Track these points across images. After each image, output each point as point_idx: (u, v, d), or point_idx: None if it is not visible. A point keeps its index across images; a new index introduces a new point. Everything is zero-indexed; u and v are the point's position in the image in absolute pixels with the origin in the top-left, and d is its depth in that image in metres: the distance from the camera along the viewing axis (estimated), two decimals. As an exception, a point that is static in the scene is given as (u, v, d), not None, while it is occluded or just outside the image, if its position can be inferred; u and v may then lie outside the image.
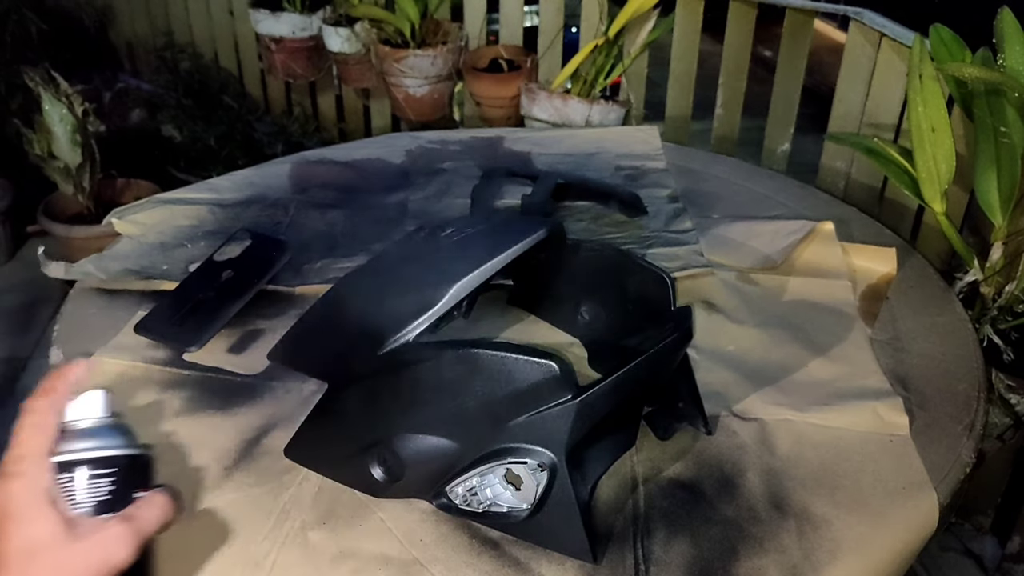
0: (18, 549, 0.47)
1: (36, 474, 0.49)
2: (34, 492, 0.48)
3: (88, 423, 0.53)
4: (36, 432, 0.50)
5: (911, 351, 0.86)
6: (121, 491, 0.51)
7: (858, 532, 0.65)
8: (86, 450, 0.51)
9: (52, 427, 0.51)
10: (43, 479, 0.49)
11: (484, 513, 0.63)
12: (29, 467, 0.49)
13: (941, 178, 0.99)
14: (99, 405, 0.53)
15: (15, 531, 0.47)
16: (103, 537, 0.48)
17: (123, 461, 0.52)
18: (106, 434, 0.52)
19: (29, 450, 0.49)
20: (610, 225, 1.03)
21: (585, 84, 1.59)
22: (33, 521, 0.47)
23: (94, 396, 0.53)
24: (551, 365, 0.58)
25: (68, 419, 0.52)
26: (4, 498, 0.48)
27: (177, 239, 0.98)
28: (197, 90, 2.50)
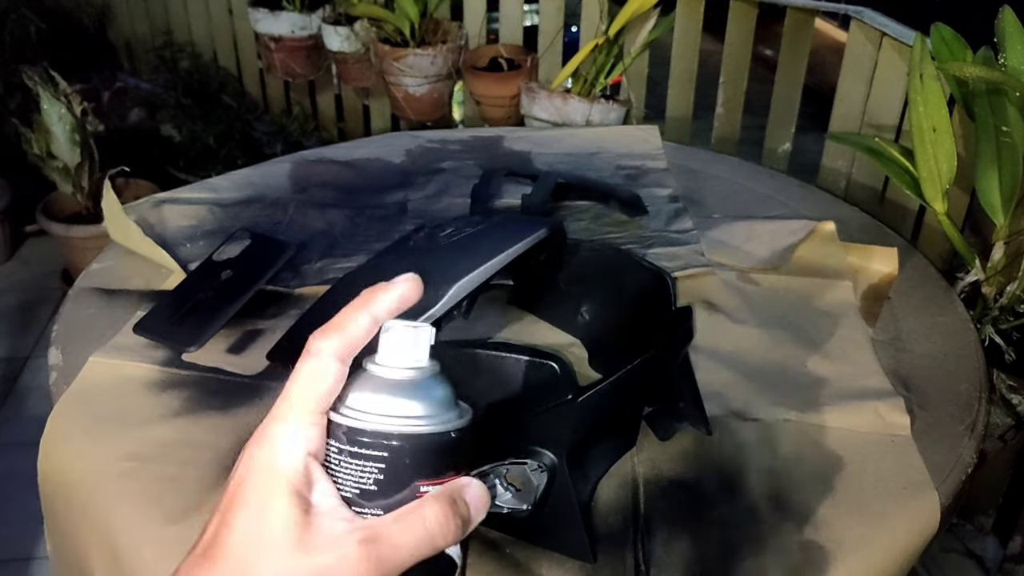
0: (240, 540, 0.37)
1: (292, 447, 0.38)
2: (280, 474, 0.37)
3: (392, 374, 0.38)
4: (312, 380, 0.38)
5: (912, 351, 0.85)
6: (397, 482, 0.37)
7: (859, 532, 0.65)
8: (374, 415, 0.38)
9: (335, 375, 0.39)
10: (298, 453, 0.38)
11: (484, 514, 0.62)
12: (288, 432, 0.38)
13: (942, 178, 0.99)
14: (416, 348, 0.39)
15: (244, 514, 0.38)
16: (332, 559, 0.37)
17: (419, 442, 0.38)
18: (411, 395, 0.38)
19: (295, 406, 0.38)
20: (610, 225, 1.03)
21: (585, 83, 1.59)
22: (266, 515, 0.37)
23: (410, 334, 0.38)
24: (551, 365, 0.57)
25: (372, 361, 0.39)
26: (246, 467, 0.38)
27: (176, 239, 0.98)
28: (196, 89, 2.50)
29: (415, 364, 0.38)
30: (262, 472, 0.38)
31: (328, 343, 0.39)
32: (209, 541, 0.38)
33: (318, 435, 0.38)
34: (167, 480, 0.67)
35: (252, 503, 0.37)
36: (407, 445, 0.37)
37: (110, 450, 0.70)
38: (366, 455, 0.37)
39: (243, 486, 0.38)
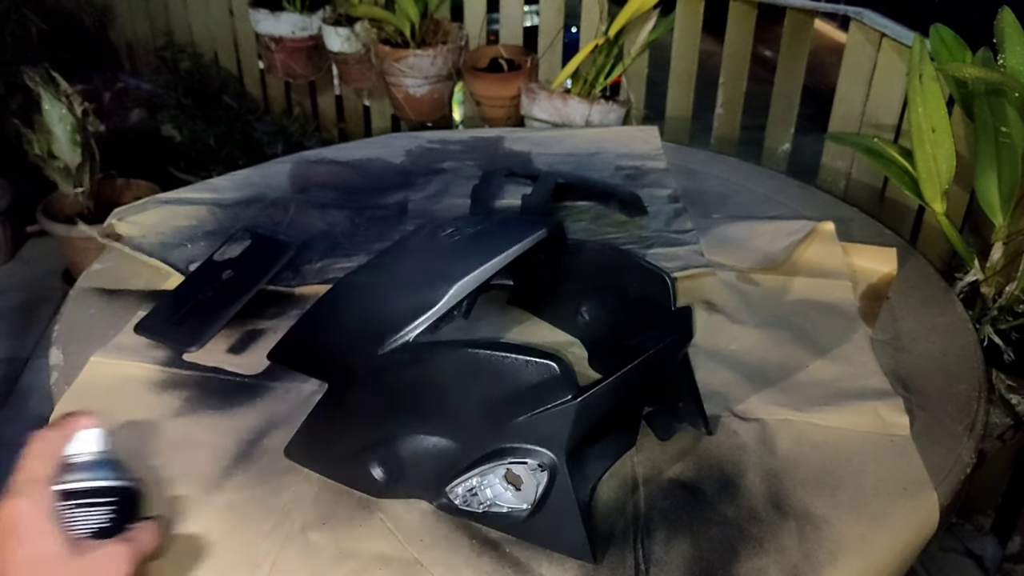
0: (23, 562, 0.49)
1: (41, 496, 0.52)
2: (39, 511, 0.51)
3: (86, 457, 0.56)
4: (41, 460, 0.53)
5: (912, 351, 0.86)
6: (118, 520, 0.55)
7: (858, 532, 0.65)
8: (85, 480, 0.55)
9: (55, 456, 0.54)
10: (47, 502, 0.52)
11: (484, 513, 0.63)
12: (35, 489, 0.52)
13: (941, 178, 0.99)
14: (96, 441, 0.57)
15: (20, 546, 0.49)
16: (105, 554, 0.51)
17: (119, 492, 0.56)
18: (103, 467, 0.56)
19: (34, 474, 0.53)
20: (610, 225, 1.03)
21: (585, 84, 1.59)
22: (38, 537, 0.50)
23: (91, 433, 0.57)
24: (551, 365, 0.58)
25: (68, 453, 0.56)
26: (11, 514, 0.50)
27: (177, 239, 0.98)
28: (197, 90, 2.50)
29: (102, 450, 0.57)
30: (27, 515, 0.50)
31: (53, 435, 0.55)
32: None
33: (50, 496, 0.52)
34: (167, 480, 0.67)
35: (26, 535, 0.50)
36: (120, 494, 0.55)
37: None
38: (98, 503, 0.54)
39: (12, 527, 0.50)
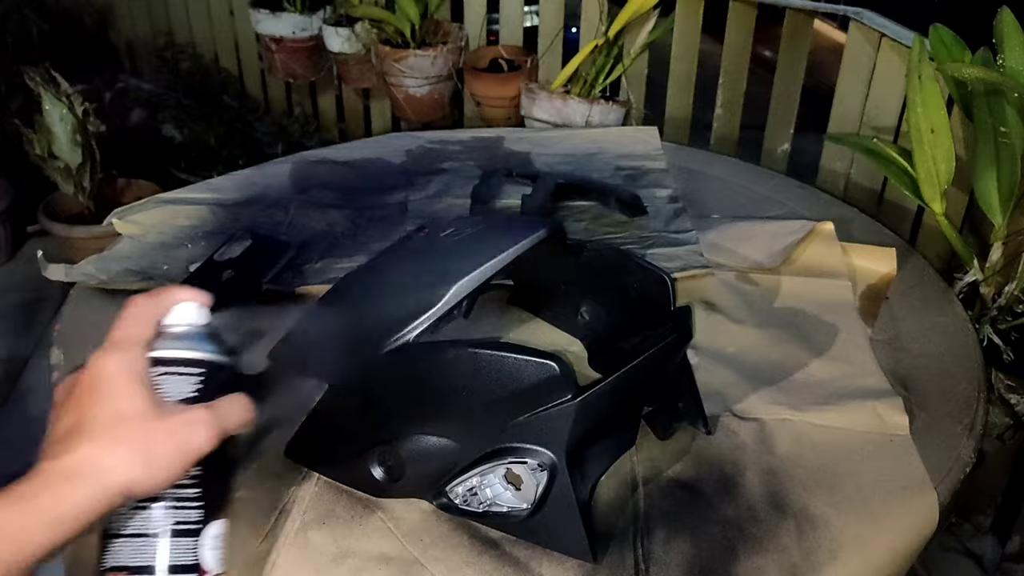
0: (106, 418, 0.48)
1: (131, 356, 0.51)
2: (128, 369, 0.50)
3: (182, 328, 0.55)
4: (136, 321, 0.53)
5: (911, 351, 0.86)
6: (205, 392, 0.53)
7: (858, 532, 0.65)
8: (179, 349, 0.53)
9: (152, 321, 0.53)
10: (138, 361, 0.51)
11: (484, 513, 0.63)
12: (125, 348, 0.51)
13: (940, 178, 0.99)
14: (194, 314, 0.55)
15: (106, 401, 0.49)
16: (187, 419, 0.50)
17: (211, 366, 0.54)
18: (199, 340, 0.55)
19: (127, 335, 0.52)
20: (610, 225, 1.03)
21: (585, 84, 1.59)
22: (124, 395, 0.49)
23: (191, 306, 0.55)
24: (551, 365, 0.58)
25: (166, 322, 0.55)
26: (99, 369, 0.50)
27: (178, 239, 0.98)
28: (197, 90, 2.50)
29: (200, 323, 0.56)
30: (115, 372, 0.50)
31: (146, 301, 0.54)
32: (71, 426, 0.48)
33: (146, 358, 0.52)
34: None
35: (111, 391, 0.49)
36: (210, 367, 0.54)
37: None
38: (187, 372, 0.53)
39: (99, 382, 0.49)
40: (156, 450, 0.48)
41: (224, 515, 0.54)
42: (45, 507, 0.45)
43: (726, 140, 1.65)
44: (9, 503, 0.44)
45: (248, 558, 0.62)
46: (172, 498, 0.51)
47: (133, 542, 0.51)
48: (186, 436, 0.50)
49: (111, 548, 0.51)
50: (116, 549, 0.51)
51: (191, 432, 0.50)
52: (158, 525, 0.51)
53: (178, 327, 0.55)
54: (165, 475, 0.49)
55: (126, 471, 0.47)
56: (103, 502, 0.46)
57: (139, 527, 0.51)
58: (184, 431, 0.50)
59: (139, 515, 0.51)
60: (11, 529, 0.44)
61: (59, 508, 0.45)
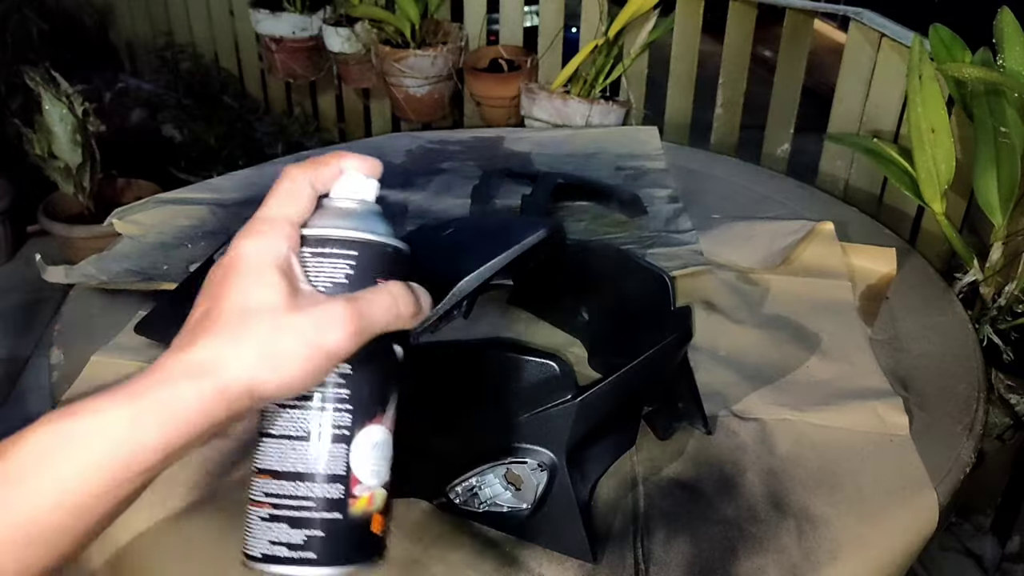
0: (234, 310, 0.43)
1: (276, 238, 0.45)
2: (268, 254, 0.44)
3: (348, 204, 0.49)
4: (288, 197, 0.47)
5: (911, 351, 0.86)
6: (362, 278, 0.46)
7: (858, 532, 0.65)
8: (337, 227, 0.47)
9: (307, 197, 0.47)
10: (282, 244, 0.45)
11: (484, 513, 0.63)
12: (271, 229, 0.45)
13: (940, 178, 0.99)
14: (366, 190, 0.49)
15: (236, 288, 0.43)
16: (321, 314, 0.43)
17: (373, 248, 0.47)
18: (364, 219, 0.48)
19: (276, 213, 0.46)
20: (610, 225, 1.03)
21: (585, 84, 1.59)
22: (258, 283, 0.43)
23: (363, 180, 0.49)
24: (551, 365, 0.58)
25: (330, 196, 0.48)
26: (236, 253, 0.44)
27: (178, 239, 0.98)
28: (197, 90, 2.50)
29: (366, 199, 0.50)
30: (252, 257, 0.44)
31: (303, 172, 0.48)
32: (201, 316, 0.43)
33: (296, 238, 0.46)
34: (168, 479, 0.67)
35: (244, 278, 0.43)
36: (367, 250, 0.47)
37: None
38: (337, 254, 0.46)
39: (234, 267, 0.44)
40: (284, 348, 0.42)
41: (383, 423, 0.47)
42: (159, 405, 0.40)
43: (726, 140, 1.65)
44: (121, 400, 0.39)
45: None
46: (312, 402, 0.45)
47: (280, 444, 0.46)
48: (318, 335, 0.43)
49: (259, 448, 0.46)
50: (262, 450, 0.46)
51: (324, 329, 0.43)
52: (301, 427, 0.45)
53: (342, 202, 0.48)
54: (297, 376, 0.42)
55: (249, 370, 0.41)
56: (223, 404, 0.41)
57: (285, 428, 0.46)
58: (315, 329, 0.43)
59: (286, 415, 0.45)
60: (120, 429, 0.39)
61: (174, 406, 0.40)
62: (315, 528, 0.45)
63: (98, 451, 0.38)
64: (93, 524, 0.39)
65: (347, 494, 0.45)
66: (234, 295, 0.43)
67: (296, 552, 0.44)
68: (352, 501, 0.46)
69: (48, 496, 0.37)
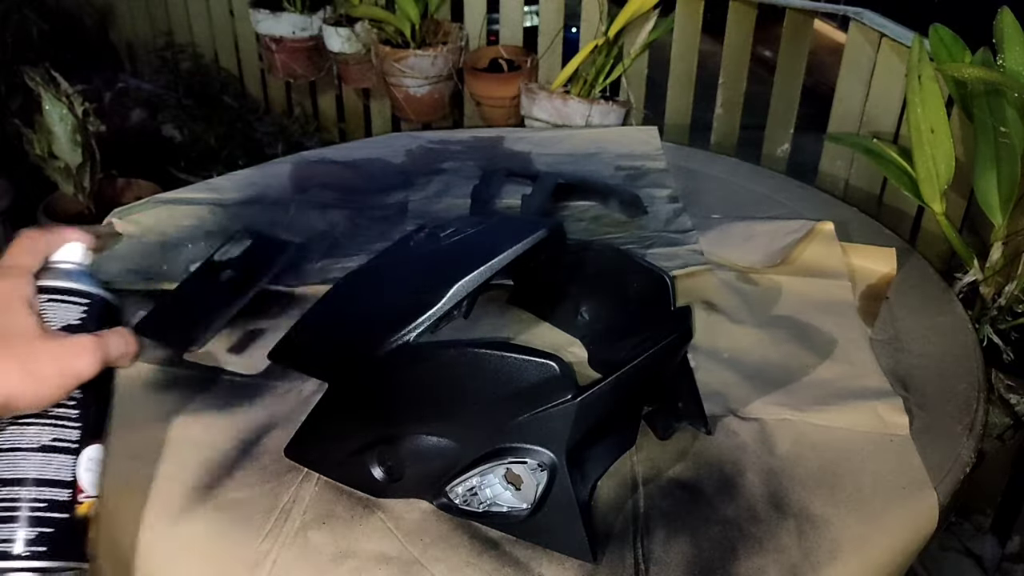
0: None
1: (22, 280, 0.53)
2: (17, 291, 0.52)
3: (68, 265, 0.57)
4: (27, 251, 0.55)
5: (911, 351, 0.86)
6: (89, 322, 0.56)
7: (858, 532, 0.65)
8: (66, 281, 0.56)
9: (41, 254, 0.56)
10: (27, 287, 0.53)
11: (484, 513, 0.63)
12: (16, 274, 0.53)
13: (940, 178, 0.99)
14: (79, 254, 0.58)
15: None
16: (72, 343, 0.52)
17: (96, 299, 0.57)
18: (82, 277, 0.57)
19: (18, 261, 0.54)
20: (610, 225, 1.03)
21: (585, 84, 1.59)
22: (12, 313, 0.51)
23: (78, 246, 0.58)
24: (551, 365, 0.58)
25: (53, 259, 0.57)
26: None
27: (177, 239, 0.98)
28: (197, 90, 2.50)
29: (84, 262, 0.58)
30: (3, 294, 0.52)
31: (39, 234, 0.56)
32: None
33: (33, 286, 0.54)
34: (168, 479, 0.67)
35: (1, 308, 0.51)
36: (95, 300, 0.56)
37: (111, 450, 0.70)
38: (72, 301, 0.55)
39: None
40: (39, 367, 0.50)
41: (102, 442, 0.56)
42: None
43: (726, 140, 1.65)
44: None
45: (248, 558, 0.62)
46: (52, 416, 0.53)
47: (7, 456, 0.52)
48: (71, 358, 0.52)
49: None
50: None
51: (76, 355, 0.52)
52: (34, 439, 0.53)
53: (65, 264, 0.57)
54: (46, 393, 0.51)
55: (7, 383, 0.49)
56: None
57: (14, 441, 0.53)
58: (69, 353, 0.52)
59: (16, 430, 0.53)
60: None
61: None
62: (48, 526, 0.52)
63: None
64: None
65: (73, 499, 0.54)
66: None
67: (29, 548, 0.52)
68: (77, 506, 0.54)
69: None
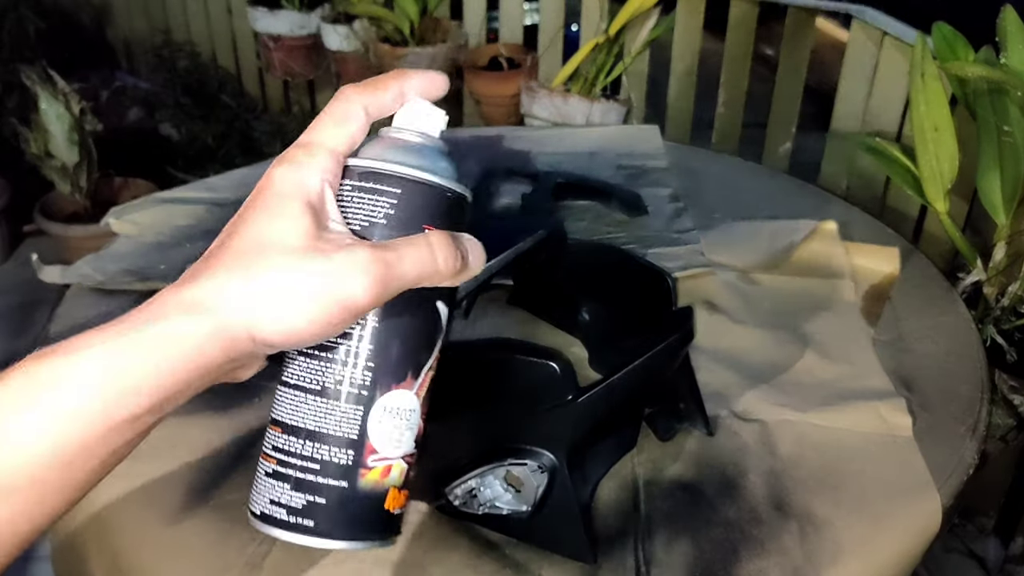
0: (249, 240, 0.39)
1: (312, 168, 0.40)
2: (299, 185, 0.40)
3: (406, 136, 0.43)
4: (336, 121, 0.41)
5: (914, 351, 0.85)
6: (405, 222, 0.41)
7: (860, 533, 0.64)
8: (387, 161, 0.41)
9: (358, 122, 0.41)
10: (316, 175, 0.40)
11: (484, 515, 0.62)
12: (309, 157, 0.41)
13: (943, 177, 0.99)
14: (431, 121, 0.43)
15: (255, 221, 0.39)
16: (343, 259, 0.38)
17: (423, 189, 0.42)
18: (420, 154, 0.42)
19: (318, 139, 0.41)
20: (610, 225, 1.02)
21: (586, 83, 1.59)
22: (280, 216, 0.39)
23: (429, 109, 0.43)
24: (551, 365, 0.57)
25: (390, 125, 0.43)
26: (266, 181, 0.41)
27: (175, 238, 0.97)
28: (195, 89, 2.49)
29: (428, 133, 0.43)
30: (282, 186, 0.40)
31: (358, 93, 0.42)
32: (213, 248, 0.40)
33: (337, 169, 0.41)
34: (166, 480, 0.67)
35: (266, 209, 0.39)
36: (416, 191, 0.41)
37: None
38: (381, 191, 0.41)
39: (259, 196, 0.40)
40: (299, 293, 0.37)
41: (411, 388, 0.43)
42: (148, 341, 0.36)
43: (727, 139, 1.64)
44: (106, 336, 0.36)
45: (247, 559, 0.61)
46: (344, 353, 0.41)
47: (294, 394, 0.42)
48: (336, 280, 0.38)
49: (276, 397, 0.43)
50: (278, 399, 0.42)
51: (344, 275, 0.38)
52: (316, 380, 0.41)
53: (398, 131, 0.43)
54: (305, 325, 0.38)
55: (254, 311, 0.37)
56: (221, 344, 0.37)
57: (300, 378, 0.42)
58: (332, 278, 0.38)
59: (303, 364, 0.42)
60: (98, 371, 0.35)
61: (165, 344, 0.36)
62: (318, 494, 0.40)
63: (74, 396, 0.34)
64: (80, 477, 0.35)
65: (358, 462, 0.41)
66: (251, 228, 0.39)
67: (294, 517, 0.40)
68: (363, 471, 0.41)
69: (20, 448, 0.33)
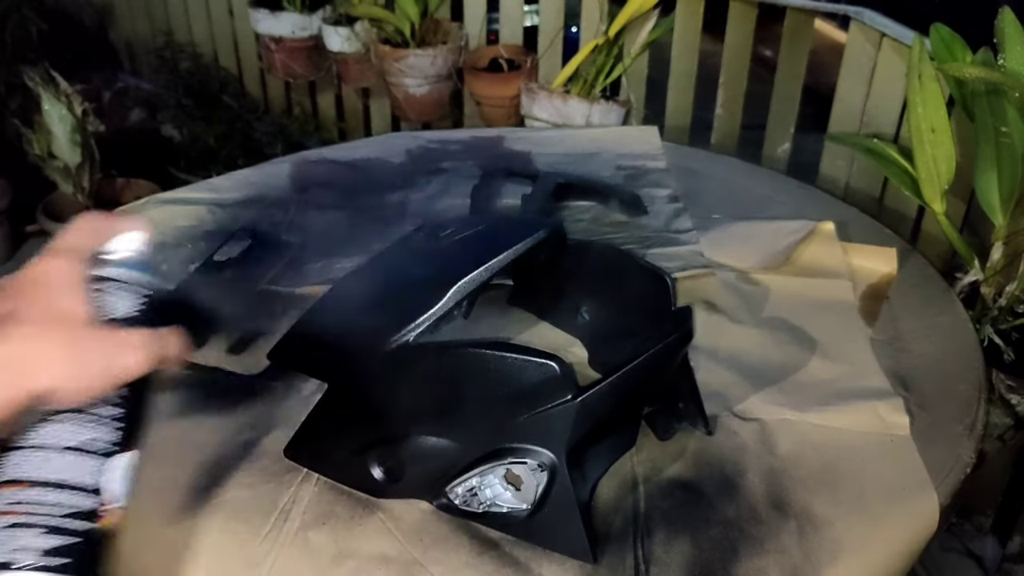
0: (42, 313, 0.46)
1: (74, 263, 0.49)
2: (68, 274, 0.49)
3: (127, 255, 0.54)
4: (85, 235, 0.52)
5: (912, 351, 0.85)
6: (147, 318, 0.51)
7: (859, 532, 0.65)
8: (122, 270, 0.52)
9: (99, 238, 0.52)
10: (79, 270, 0.49)
11: (484, 513, 0.63)
12: (73, 256, 0.50)
13: (941, 178, 0.99)
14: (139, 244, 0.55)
15: (45, 298, 0.47)
16: (125, 336, 0.48)
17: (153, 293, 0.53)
18: (140, 268, 0.54)
19: (76, 244, 0.51)
20: (610, 225, 1.03)
21: (585, 84, 1.59)
22: (65, 296, 0.48)
23: (137, 235, 0.55)
24: (551, 365, 0.58)
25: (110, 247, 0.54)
26: (44, 268, 0.49)
27: (177, 239, 0.98)
28: (197, 90, 2.50)
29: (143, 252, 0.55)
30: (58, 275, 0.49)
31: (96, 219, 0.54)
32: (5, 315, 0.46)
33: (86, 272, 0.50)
34: (167, 480, 0.67)
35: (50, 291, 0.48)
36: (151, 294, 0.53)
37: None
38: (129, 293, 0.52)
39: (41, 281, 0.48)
40: (85, 358, 0.46)
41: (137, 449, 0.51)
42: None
43: (726, 140, 1.65)
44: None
45: (248, 558, 0.61)
46: (90, 414, 0.48)
47: (34, 455, 0.46)
48: (120, 352, 0.47)
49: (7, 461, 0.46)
50: (14, 462, 0.46)
51: (126, 350, 0.47)
52: (67, 439, 0.47)
53: (122, 253, 0.54)
54: (88, 387, 0.46)
55: (50, 370, 0.45)
56: (17, 399, 0.44)
57: (45, 440, 0.47)
58: (119, 347, 0.47)
59: (48, 427, 0.47)
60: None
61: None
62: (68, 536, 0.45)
63: None
64: None
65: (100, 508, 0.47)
66: (43, 302, 0.47)
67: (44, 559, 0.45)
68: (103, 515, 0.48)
69: None
